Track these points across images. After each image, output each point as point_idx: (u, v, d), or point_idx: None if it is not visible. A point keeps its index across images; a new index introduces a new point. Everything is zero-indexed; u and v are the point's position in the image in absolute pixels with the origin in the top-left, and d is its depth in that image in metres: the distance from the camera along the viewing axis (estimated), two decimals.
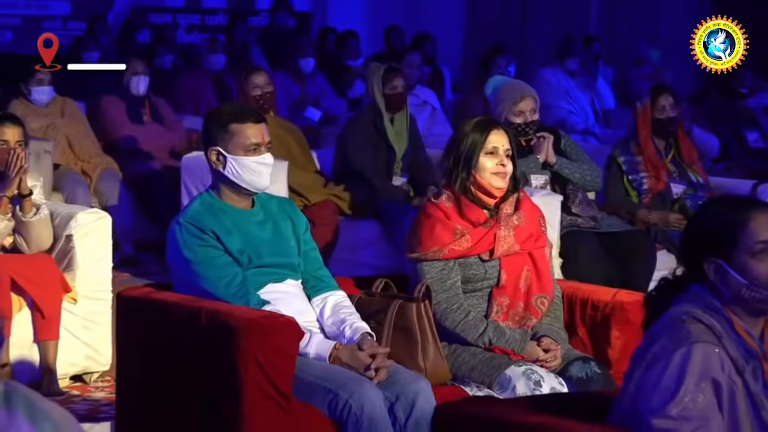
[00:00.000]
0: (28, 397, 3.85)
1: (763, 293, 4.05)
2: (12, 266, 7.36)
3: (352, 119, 10.38)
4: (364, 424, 5.35)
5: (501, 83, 8.88)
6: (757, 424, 4.04)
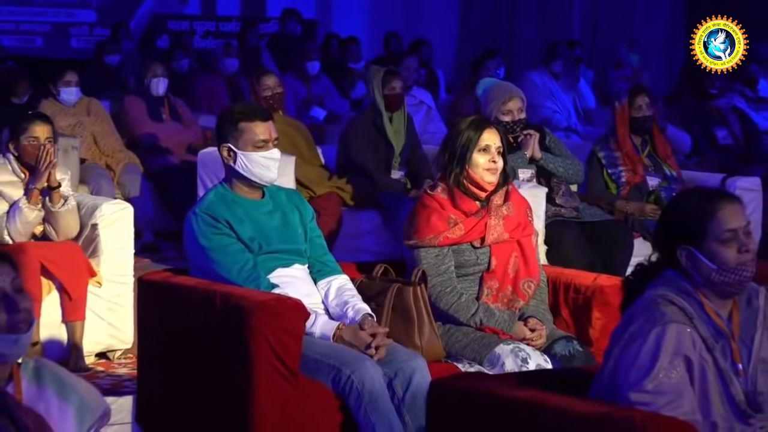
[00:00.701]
0: (57, 372, 3.84)
1: (731, 277, 4.05)
2: (42, 253, 7.36)
3: (354, 118, 10.38)
4: (365, 398, 5.36)
5: (491, 84, 8.87)
6: (725, 398, 4.04)
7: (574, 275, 6.34)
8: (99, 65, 14.21)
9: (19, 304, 3.66)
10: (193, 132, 11.40)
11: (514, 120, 8.41)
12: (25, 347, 3.72)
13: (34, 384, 3.76)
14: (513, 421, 4.14)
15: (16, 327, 3.64)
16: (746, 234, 4.09)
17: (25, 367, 3.77)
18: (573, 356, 5.78)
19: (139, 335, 6.25)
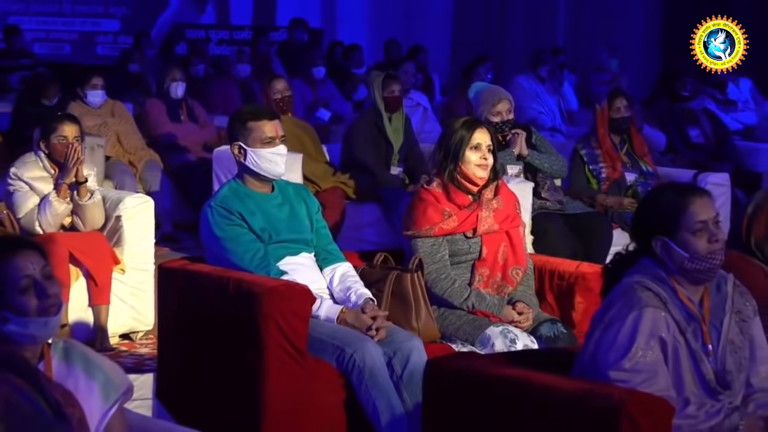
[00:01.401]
0: (84, 352, 3.84)
1: (702, 265, 4.05)
2: (70, 242, 7.37)
3: (356, 119, 10.37)
4: (365, 375, 5.36)
5: (482, 88, 8.87)
6: (696, 376, 4.05)
7: (558, 263, 6.34)
8: (123, 71, 14.21)
9: (49, 290, 3.66)
10: (208, 132, 11.40)
11: (503, 120, 8.42)
12: (55, 329, 3.72)
13: (63, 363, 3.76)
14: (502, 396, 4.14)
15: (46, 311, 3.64)
16: (716, 225, 4.09)
17: (55, 347, 3.77)
18: (557, 337, 5.78)
19: (159, 318, 6.26)
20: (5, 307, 3.61)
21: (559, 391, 4.00)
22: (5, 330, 3.63)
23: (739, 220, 4.94)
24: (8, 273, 3.62)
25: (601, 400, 3.85)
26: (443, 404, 4.34)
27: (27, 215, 7.48)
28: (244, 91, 13.89)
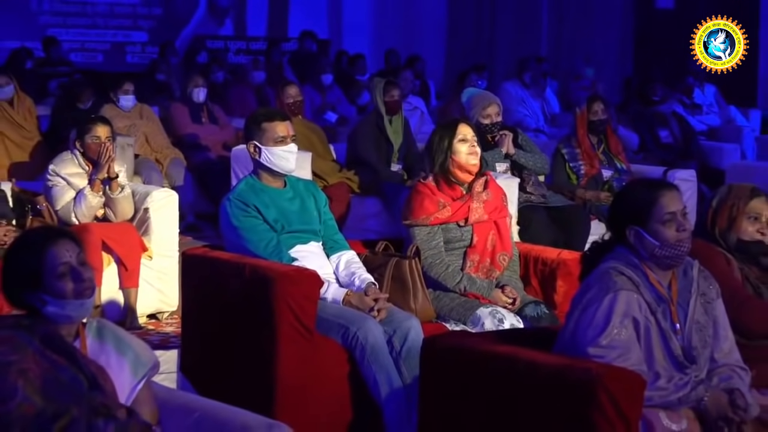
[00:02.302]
0: (115, 331, 3.85)
1: (671, 252, 4.06)
2: (102, 231, 7.37)
3: (360, 121, 10.37)
4: (368, 351, 5.36)
5: (473, 93, 8.87)
6: (666, 352, 4.06)
7: (541, 251, 6.34)
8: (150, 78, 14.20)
9: (83, 275, 3.66)
10: (227, 132, 11.39)
11: (492, 122, 8.42)
12: (89, 310, 3.72)
13: (97, 340, 3.76)
14: (491, 370, 4.14)
15: (81, 293, 3.65)
16: (683, 216, 4.10)
17: (89, 327, 3.77)
18: (541, 317, 5.78)
19: (182, 300, 6.26)
20: (44, 291, 3.62)
21: (543, 365, 4.00)
22: (45, 311, 3.64)
23: (704, 212, 4.93)
24: (47, 260, 3.63)
25: (580, 374, 3.85)
26: (438, 378, 4.34)
27: (64, 207, 7.48)
28: (259, 95, 13.88)
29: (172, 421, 3.76)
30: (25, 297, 3.66)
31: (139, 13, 18.75)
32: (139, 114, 10.97)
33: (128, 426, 3.46)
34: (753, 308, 4.61)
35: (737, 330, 4.36)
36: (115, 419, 3.44)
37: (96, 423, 3.41)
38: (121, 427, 3.45)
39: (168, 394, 4.01)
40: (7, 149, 10.30)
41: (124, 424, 3.46)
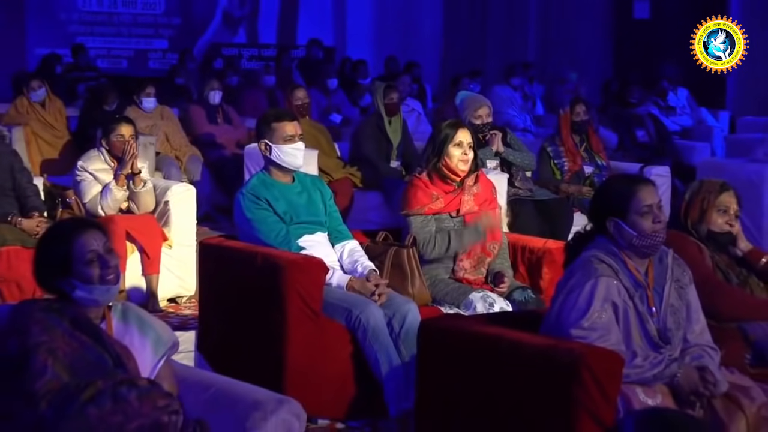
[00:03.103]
0: (138, 313, 3.85)
1: (647, 241, 4.06)
2: (127, 222, 7.39)
3: (362, 121, 10.37)
4: (369, 332, 5.36)
5: (466, 96, 8.87)
6: (642, 333, 4.07)
7: (528, 240, 6.34)
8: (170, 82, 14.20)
9: (109, 262, 3.66)
10: (241, 132, 11.39)
11: (483, 123, 8.42)
12: (114, 294, 3.72)
13: (121, 322, 3.76)
14: (482, 350, 4.14)
15: (107, 279, 3.65)
16: (659, 209, 4.10)
17: (115, 309, 3.77)
18: (528, 302, 5.77)
19: (200, 285, 6.25)
20: (74, 277, 3.62)
21: (530, 345, 4.00)
22: (74, 296, 3.64)
23: (678, 205, 4.93)
24: (76, 249, 3.63)
25: (564, 354, 3.85)
26: (434, 357, 4.34)
27: (91, 200, 7.49)
28: (270, 98, 13.87)
29: (189, 396, 3.76)
30: (56, 282, 3.66)
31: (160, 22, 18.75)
32: (160, 115, 10.98)
33: (150, 392, 3.46)
34: (723, 293, 4.61)
35: (708, 313, 4.36)
36: (138, 387, 3.44)
37: (120, 391, 3.40)
38: (143, 392, 3.44)
39: (186, 371, 4.01)
40: (39, 147, 10.32)
41: (147, 390, 3.46)
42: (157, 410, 3.42)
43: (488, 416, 4.09)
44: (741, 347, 4.50)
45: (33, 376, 3.41)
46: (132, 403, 3.40)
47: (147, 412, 3.41)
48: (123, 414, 3.38)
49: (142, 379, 3.52)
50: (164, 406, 3.44)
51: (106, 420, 3.36)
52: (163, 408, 3.44)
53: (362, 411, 5.48)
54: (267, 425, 3.62)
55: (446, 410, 4.26)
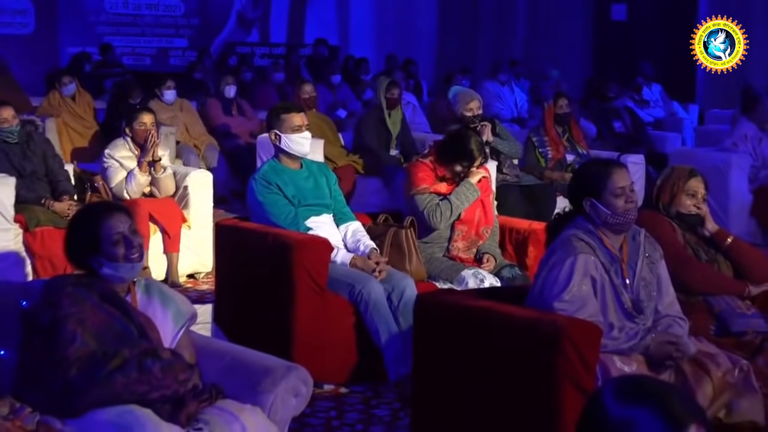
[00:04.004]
0: (160, 288, 3.85)
1: (620, 220, 4.07)
2: (150, 206, 7.38)
3: (364, 113, 10.38)
4: (370, 305, 5.37)
5: (458, 90, 8.85)
6: (617, 304, 4.08)
7: (515, 222, 6.34)
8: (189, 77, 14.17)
9: (134, 242, 3.66)
10: (254, 123, 11.38)
11: (474, 115, 8.39)
12: (138, 271, 3.72)
13: (145, 296, 3.76)
14: (473, 321, 4.14)
15: (131, 258, 3.64)
16: (631, 190, 4.12)
17: (139, 284, 3.77)
18: (515, 278, 5.78)
19: (216, 262, 6.25)
20: (101, 255, 3.62)
21: (516, 318, 4.00)
22: (101, 272, 3.64)
23: (651, 189, 4.94)
24: (103, 230, 3.63)
25: (548, 325, 3.85)
26: (429, 328, 4.34)
27: (117, 185, 7.47)
28: (280, 92, 13.86)
29: (206, 363, 3.76)
30: (85, 260, 3.66)
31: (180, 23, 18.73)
32: (179, 107, 10.97)
33: (173, 364, 3.47)
34: (692, 268, 4.61)
35: (677, 286, 4.38)
36: (161, 359, 3.45)
37: (145, 362, 3.41)
38: (166, 365, 3.45)
39: (204, 340, 4.01)
40: (70, 137, 10.32)
41: (170, 362, 3.47)
42: (177, 383, 3.43)
43: (478, 381, 4.09)
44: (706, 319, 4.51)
45: (63, 344, 3.41)
46: (156, 374, 3.41)
47: (169, 384, 3.42)
48: (147, 384, 3.38)
49: (166, 350, 3.52)
50: (185, 379, 3.45)
51: (131, 388, 3.37)
52: (184, 381, 3.45)
53: (364, 376, 5.49)
54: (277, 389, 3.62)
55: (440, 375, 4.26)
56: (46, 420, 3.34)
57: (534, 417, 3.87)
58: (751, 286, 4.63)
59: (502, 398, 4.00)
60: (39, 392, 3.42)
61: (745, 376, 4.05)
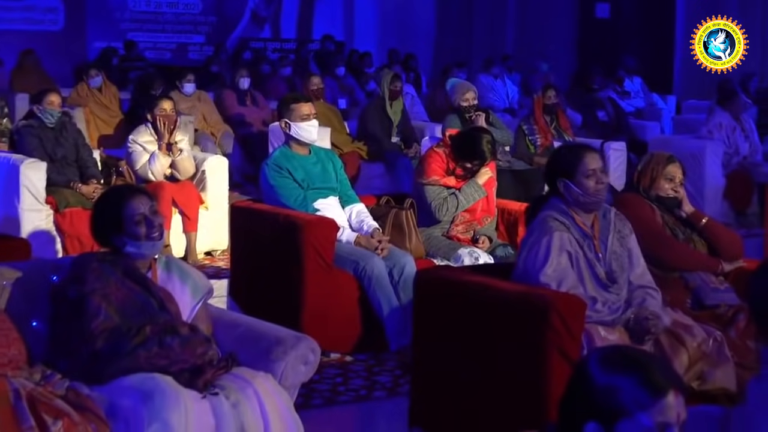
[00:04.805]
0: (179, 264, 3.85)
1: (591, 199, 4.11)
2: (171, 188, 7.39)
3: (368, 103, 10.36)
4: (373, 281, 5.37)
5: (455, 83, 8.84)
6: (592, 276, 4.08)
7: (507, 204, 6.32)
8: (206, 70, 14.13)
9: (154, 222, 3.65)
10: (266, 112, 11.36)
11: (470, 105, 8.37)
12: (159, 249, 3.71)
13: (165, 272, 3.75)
14: (469, 295, 4.13)
15: (152, 237, 3.64)
16: (601, 172, 4.16)
17: (159, 261, 3.76)
18: (508, 257, 5.76)
19: (231, 241, 6.26)
20: (124, 234, 3.62)
21: (508, 292, 4.00)
22: (124, 250, 3.64)
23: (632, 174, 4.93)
24: (127, 210, 3.62)
25: (537, 299, 3.86)
26: (428, 301, 4.33)
27: (142, 167, 7.46)
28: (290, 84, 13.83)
29: (222, 333, 3.76)
30: (110, 238, 3.65)
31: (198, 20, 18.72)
32: (198, 98, 10.95)
33: (191, 340, 3.46)
34: (670, 246, 4.60)
35: (656, 263, 4.39)
36: (180, 335, 3.45)
37: (165, 338, 3.41)
38: (185, 340, 3.45)
39: (220, 313, 4.01)
40: (97, 125, 10.32)
41: (188, 337, 3.46)
42: (195, 356, 3.44)
43: (473, 350, 4.09)
44: (683, 293, 4.50)
45: (89, 317, 3.41)
46: (175, 349, 3.41)
47: (187, 358, 3.42)
48: (167, 358, 3.39)
49: (184, 326, 3.51)
50: (202, 353, 3.45)
51: (152, 362, 3.37)
52: (201, 355, 3.45)
53: (367, 346, 5.49)
54: (287, 358, 3.62)
55: (438, 345, 4.25)
56: (75, 386, 3.35)
57: (524, 383, 3.87)
58: (724, 263, 4.62)
59: (495, 366, 4.00)
60: (68, 360, 3.42)
61: (719, 347, 4.05)
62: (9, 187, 7.07)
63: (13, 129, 7.77)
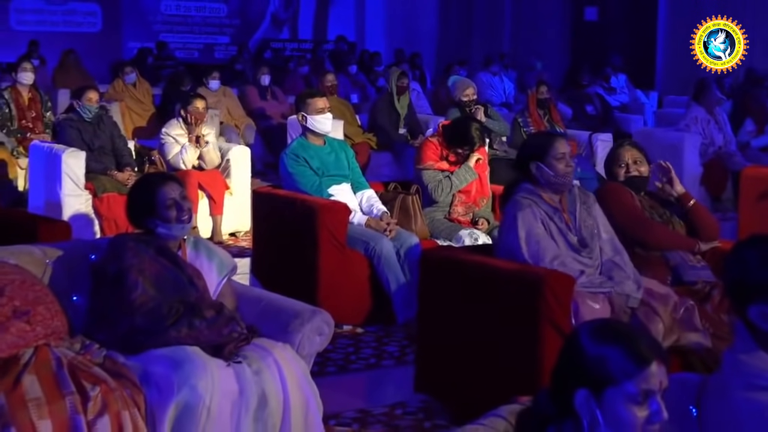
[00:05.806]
0: (206, 244, 3.85)
1: (561, 180, 4.14)
2: (198, 176, 7.38)
3: (377, 98, 10.35)
4: (382, 259, 5.36)
5: (456, 79, 8.81)
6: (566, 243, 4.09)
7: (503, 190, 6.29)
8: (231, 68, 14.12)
9: (184, 206, 3.65)
10: (285, 106, 11.35)
11: (470, 99, 8.34)
12: (188, 230, 3.72)
13: (194, 251, 3.75)
14: (469, 273, 4.13)
15: (182, 219, 3.64)
16: (570, 157, 4.19)
17: (188, 241, 3.76)
18: None
19: (253, 222, 6.25)
20: (157, 217, 3.63)
21: (505, 270, 3.99)
22: (157, 231, 3.64)
23: None
24: (159, 196, 3.62)
25: (531, 275, 3.85)
26: (432, 278, 4.32)
27: (173, 157, 7.47)
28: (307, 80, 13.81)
29: (246, 308, 3.76)
30: (143, 221, 3.66)
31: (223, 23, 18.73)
32: (223, 93, 10.95)
33: (216, 321, 3.46)
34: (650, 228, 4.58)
35: (638, 243, 4.38)
36: (206, 319, 3.44)
37: (194, 322, 3.41)
38: (211, 322, 3.45)
39: (243, 288, 4.01)
40: (131, 118, 10.33)
41: (214, 319, 3.46)
42: (221, 336, 3.43)
43: (472, 323, 4.08)
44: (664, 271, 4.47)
45: (128, 290, 3.43)
46: (203, 331, 3.42)
47: (214, 338, 3.43)
48: (194, 339, 3.39)
49: (210, 310, 3.49)
50: (228, 333, 3.45)
51: (181, 341, 3.38)
52: (227, 335, 3.44)
53: (376, 319, 5.49)
54: (304, 329, 3.63)
55: (441, 318, 4.25)
56: (111, 355, 3.35)
57: (519, 352, 3.86)
58: (701, 243, 4.59)
59: (493, 337, 3.99)
60: (105, 332, 3.43)
61: (690, 315, 4.02)
62: (52, 174, 7.09)
63: (55, 122, 7.79)
